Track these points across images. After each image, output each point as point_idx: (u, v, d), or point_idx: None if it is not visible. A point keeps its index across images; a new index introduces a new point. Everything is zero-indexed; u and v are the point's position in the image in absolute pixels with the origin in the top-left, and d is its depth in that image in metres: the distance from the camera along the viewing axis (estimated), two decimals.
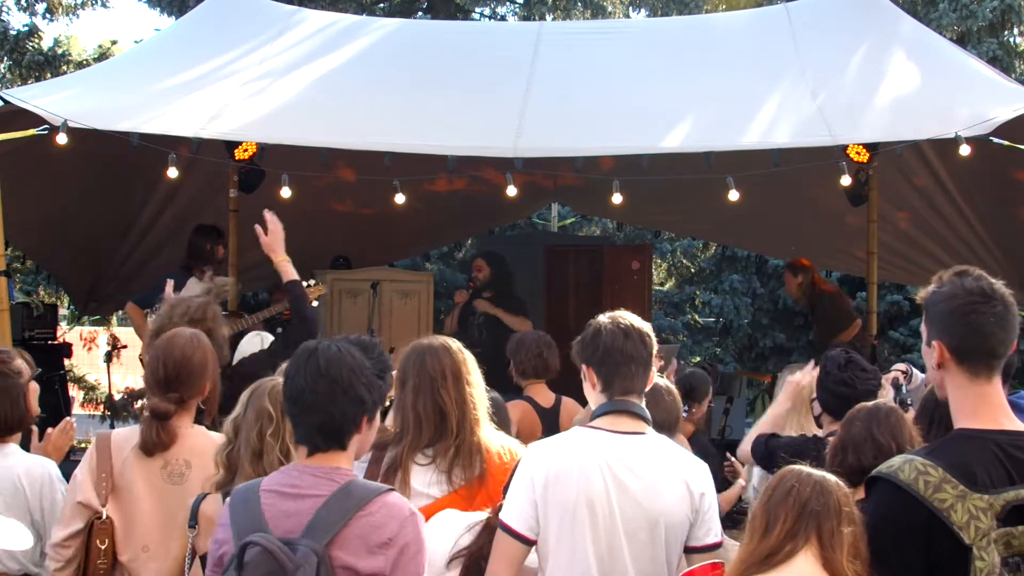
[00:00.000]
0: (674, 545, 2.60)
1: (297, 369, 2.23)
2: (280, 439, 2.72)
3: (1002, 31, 13.50)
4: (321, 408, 2.20)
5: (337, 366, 2.21)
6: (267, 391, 2.79)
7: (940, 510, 1.96)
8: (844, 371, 3.82)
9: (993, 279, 2.12)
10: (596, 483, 2.54)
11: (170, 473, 3.10)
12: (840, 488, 2.20)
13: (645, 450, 2.61)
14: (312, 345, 2.26)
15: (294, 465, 2.27)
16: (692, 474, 2.64)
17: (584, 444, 2.61)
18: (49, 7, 12.97)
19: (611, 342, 2.67)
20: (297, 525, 2.13)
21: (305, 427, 2.23)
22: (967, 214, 7.72)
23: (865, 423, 3.05)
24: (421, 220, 8.76)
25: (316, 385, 2.19)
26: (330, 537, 2.10)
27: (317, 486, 2.18)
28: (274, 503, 2.17)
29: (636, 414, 2.66)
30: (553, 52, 7.05)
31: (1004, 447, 2.03)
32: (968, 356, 2.09)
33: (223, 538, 2.22)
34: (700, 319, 15.31)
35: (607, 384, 2.68)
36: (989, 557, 1.94)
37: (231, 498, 2.26)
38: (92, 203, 7.46)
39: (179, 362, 3.18)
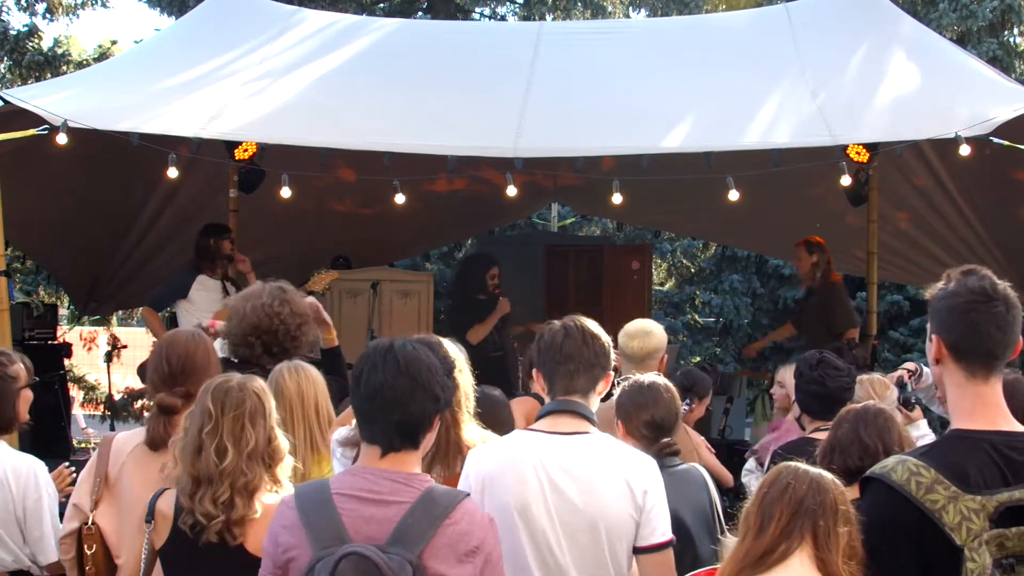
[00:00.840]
0: (619, 545, 2.56)
1: (374, 366, 2.19)
2: (217, 436, 2.71)
3: (1002, 31, 13.50)
4: (400, 405, 2.18)
5: (416, 363, 2.20)
6: (211, 389, 2.79)
7: (932, 511, 1.96)
8: (815, 370, 3.89)
9: (999, 280, 2.12)
10: (531, 485, 2.52)
11: (167, 476, 3.09)
12: (836, 486, 2.18)
13: (583, 450, 2.58)
14: (387, 342, 2.24)
15: (367, 468, 2.22)
16: (634, 472, 2.59)
17: (520, 446, 2.59)
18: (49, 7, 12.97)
19: (550, 342, 2.67)
20: (380, 532, 2.10)
21: (381, 425, 2.20)
22: (967, 214, 7.72)
23: (852, 425, 3.06)
24: (421, 220, 8.76)
25: (396, 382, 2.17)
26: (422, 546, 2.08)
27: (397, 492, 2.15)
28: (352, 508, 2.14)
29: (578, 413, 2.63)
30: (553, 52, 7.05)
31: (999, 448, 2.03)
32: (965, 355, 2.09)
33: (291, 542, 2.16)
34: (700, 319, 15.31)
35: (550, 385, 2.67)
36: (980, 558, 1.94)
37: (299, 501, 2.20)
38: (92, 203, 7.46)
39: (182, 357, 3.20)
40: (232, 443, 2.72)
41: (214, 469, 2.69)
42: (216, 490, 2.68)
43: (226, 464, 2.69)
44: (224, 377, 2.85)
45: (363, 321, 7.57)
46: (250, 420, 2.75)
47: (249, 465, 2.72)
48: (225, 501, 2.67)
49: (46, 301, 11.31)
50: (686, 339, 14.22)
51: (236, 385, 2.80)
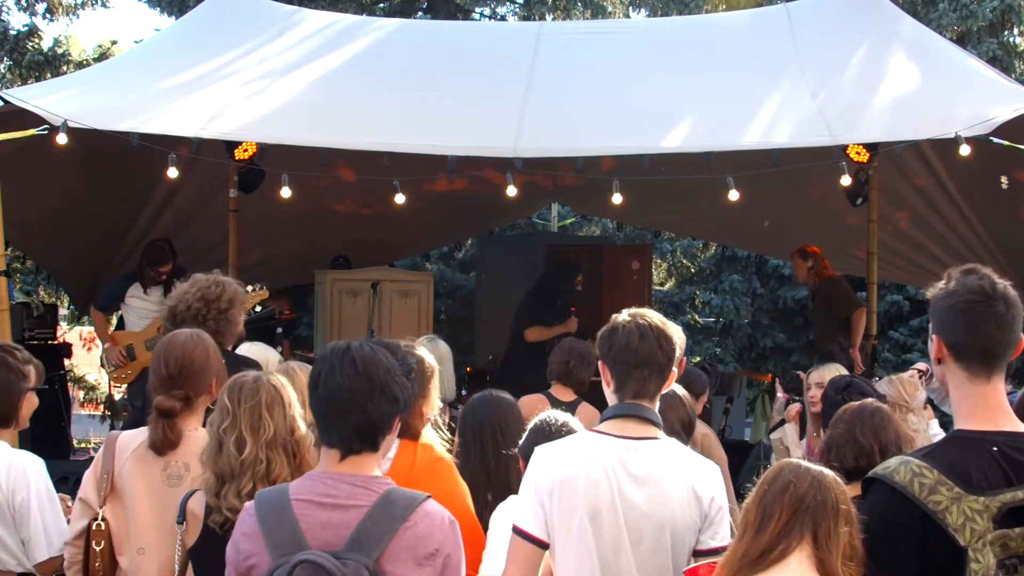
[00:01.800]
0: (681, 550, 2.55)
1: (331, 368, 2.17)
2: (236, 429, 2.73)
3: (1002, 31, 13.50)
4: (358, 407, 2.15)
5: (373, 365, 2.17)
6: (227, 387, 2.81)
7: (935, 512, 1.96)
8: (842, 392, 3.88)
9: (999, 279, 2.11)
10: (602, 490, 2.49)
11: (169, 475, 3.09)
12: (838, 485, 2.15)
13: (652, 456, 2.55)
14: (343, 344, 2.22)
15: (326, 472, 2.20)
16: (700, 479, 2.57)
17: (591, 450, 2.55)
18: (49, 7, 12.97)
19: (625, 342, 2.59)
20: (337, 537, 2.08)
21: (340, 428, 2.17)
22: (967, 214, 7.72)
23: (848, 424, 3.06)
24: (421, 220, 8.76)
25: (353, 383, 2.15)
26: (380, 550, 2.06)
27: (355, 495, 2.13)
28: (310, 513, 2.12)
29: (646, 419, 2.59)
30: (553, 52, 7.05)
31: (1002, 448, 2.03)
32: (964, 354, 2.09)
33: (251, 549, 2.15)
34: (700, 319, 15.31)
35: (619, 385, 2.61)
36: (984, 559, 1.94)
37: (257, 506, 2.18)
38: (92, 203, 7.45)
39: (180, 359, 3.17)
40: (250, 433, 2.73)
41: (235, 463, 2.71)
42: (239, 483, 2.70)
43: (246, 455, 2.71)
44: (241, 374, 2.86)
45: (363, 321, 7.57)
46: (267, 409, 2.76)
47: (270, 454, 2.72)
48: (249, 492, 2.66)
49: (46, 301, 11.31)
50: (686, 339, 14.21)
51: (251, 379, 2.82)
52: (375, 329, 7.33)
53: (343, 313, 7.91)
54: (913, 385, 4.23)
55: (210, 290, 4.03)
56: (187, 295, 4.03)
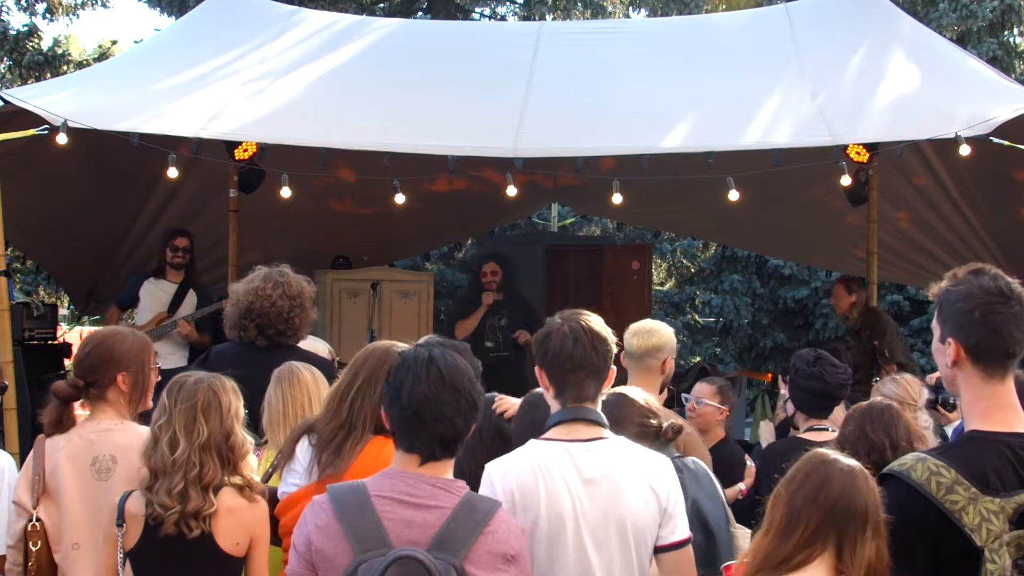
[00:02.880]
0: (644, 548, 2.55)
1: (416, 379, 2.18)
2: (171, 428, 2.76)
3: (1002, 31, 13.51)
4: (446, 418, 2.18)
5: (458, 375, 2.20)
6: (168, 385, 2.84)
7: (952, 512, 1.95)
8: (814, 366, 3.87)
9: (1009, 278, 2.11)
10: (562, 497, 2.48)
11: (98, 470, 3.11)
12: (870, 491, 2.08)
13: (605, 456, 2.54)
14: (424, 353, 2.23)
15: (405, 472, 2.21)
16: (655, 474, 2.57)
17: (544, 457, 2.53)
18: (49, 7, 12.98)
19: (559, 348, 2.57)
20: (421, 536, 2.11)
21: (424, 437, 2.19)
22: (967, 214, 7.71)
23: (859, 421, 3.07)
24: (421, 220, 8.75)
25: (441, 395, 2.17)
26: (465, 552, 2.10)
27: (437, 497, 2.16)
28: (393, 511, 2.14)
29: (592, 420, 2.58)
30: (553, 52, 7.05)
31: (1016, 450, 2.03)
32: (984, 356, 2.08)
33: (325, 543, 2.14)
34: (700, 319, 15.31)
35: (559, 391, 2.60)
36: (1000, 560, 1.93)
37: (335, 501, 2.18)
38: (92, 203, 7.45)
39: (85, 346, 3.23)
40: (184, 434, 2.76)
41: (168, 460, 2.74)
42: (171, 481, 2.73)
43: (177, 454, 2.74)
44: (185, 374, 2.89)
45: (363, 321, 7.57)
46: (203, 412, 2.78)
47: (202, 457, 2.75)
48: (179, 492, 2.71)
49: (46, 301, 11.30)
50: (686, 339, 14.21)
51: (192, 380, 2.85)
52: (375, 329, 7.33)
53: (343, 313, 7.91)
54: (918, 384, 4.23)
55: (287, 282, 4.07)
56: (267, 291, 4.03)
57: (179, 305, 6.92)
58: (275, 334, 4.04)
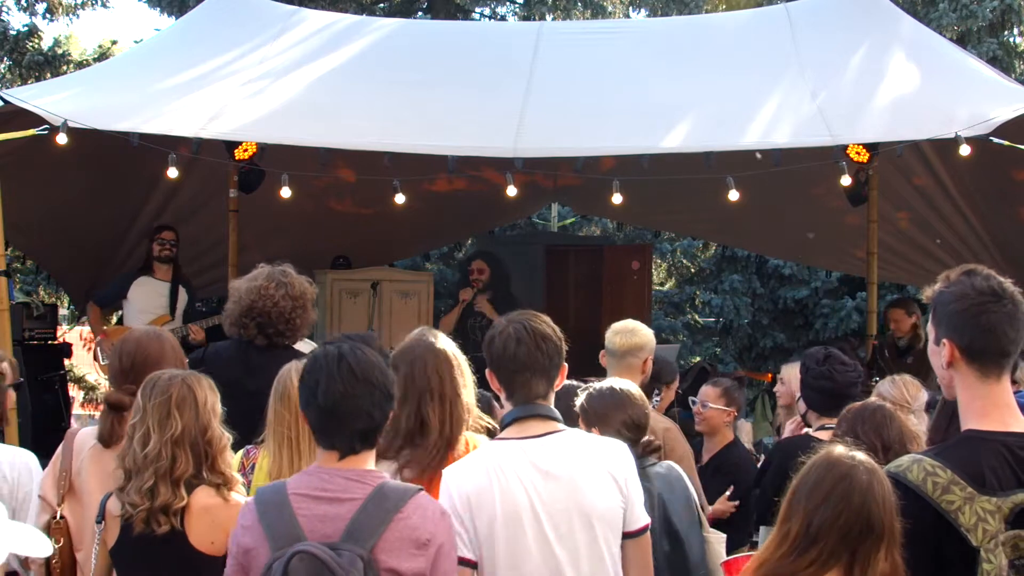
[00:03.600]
0: (612, 535, 2.55)
1: (330, 376, 2.20)
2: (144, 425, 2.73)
3: (1002, 31, 13.49)
4: (363, 413, 2.21)
5: (369, 369, 2.22)
6: (142, 385, 2.82)
7: (948, 512, 1.95)
8: (823, 365, 3.86)
9: (1002, 278, 2.11)
10: (518, 494, 2.49)
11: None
12: (887, 500, 2.02)
13: (561, 448, 2.55)
14: (334, 350, 2.24)
15: (322, 468, 2.25)
16: (614, 462, 2.58)
17: (497, 457, 2.54)
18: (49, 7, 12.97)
19: (503, 349, 2.59)
20: (334, 530, 2.14)
21: (344, 433, 2.22)
22: (967, 214, 7.72)
23: (850, 423, 3.05)
24: (421, 220, 8.75)
25: (356, 391, 2.19)
26: (374, 541, 2.12)
27: (350, 489, 2.19)
28: (308, 507, 2.17)
29: (544, 415, 2.59)
30: (553, 52, 7.05)
31: (1012, 449, 2.02)
32: (979, 356, 2.08)
33: (251, 542, 2.19)
34: (700, 319, 15.30)
35: (509, 392, 2.62)
36: (996, 560, 1.93)
37: (258, 502, 2.23)
38: (92, 203, 7.45)
39: (132, 354, 3.19)
40: (157, 429, 2.73)
41: (139, 458, 2.72)
42: (142, 479, 2.70)
43: (148, 449, 2.71)
44: (158, 372, 2.86)
45: (363, 321, 7.57)
46: (176, 407, 2.75)
47: (175, 451, 2.72)
48: (149, 488, 2.68)
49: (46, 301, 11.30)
50: (686, 339, 14.21)
51: (167, 376, 2.82)
52: (375, 329, 7.33)
53: (343, 313, 7.91)
54: (916, 386, 4.22)
55: (289, 283, 4.04)
56: (269, 290, 3.99)
57: (175, 304, 6.94)
58: (275, 334, 4.02)
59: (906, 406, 3.95)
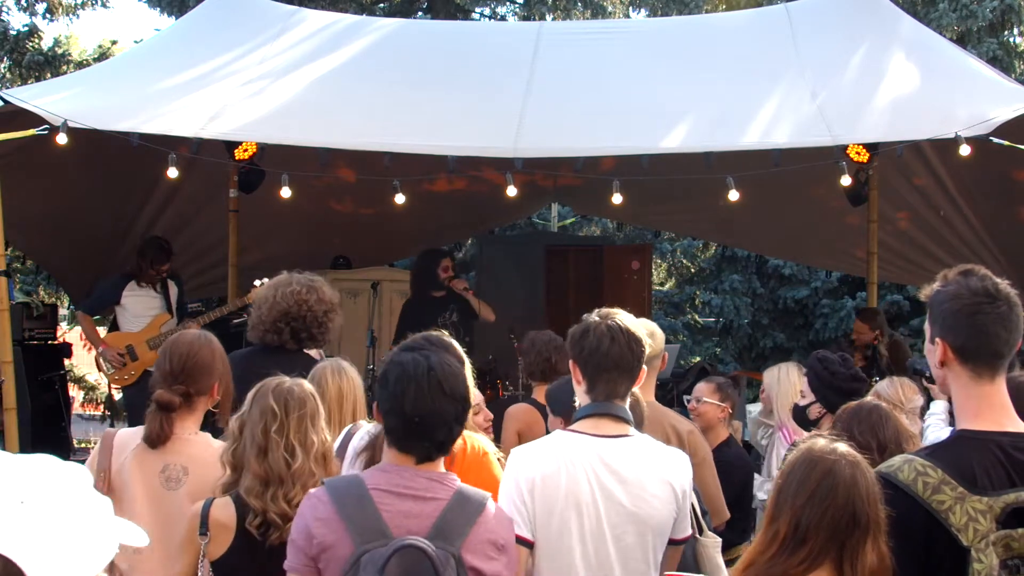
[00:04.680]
0: (660, 543, 2.62)
1: (419, 388, 2.22)
2: (284, 435, 2.72)
3: (1002, 31, 13.50)
4: (445, 426, 2.25)
5: (456, 383, 2.27)
6: (271, 389, 2.79)
7: (938, 512, 1.96)
8: (849, 368, 3.86)
9: (998, 279, 2.11)
10: (583, 488, 2.54)
11: (167, 478, 3.08)
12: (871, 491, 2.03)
13: (630, 453, 2.60)
14: (424, 362, 2.25)
15: (399, 466, 2.26)
16: (675, 473, 2.63)
17: (569, 448, 2.59)
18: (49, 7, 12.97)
19: (596, 345, 2.63)
20: (419, 526, 2.16)
21: (426, 443, 2.25)
22: (967, 214, 7.72)
23: (846, 423, 3.04)
24: (421, 220, 8.76)
25: (444, 406, 2.23)
26: (462, 540, 2.17)
27: (432, 489, 2.23)
28: (391, 503, 2.19)
29: (619, 417, 2.64)
30: (553, 52, 7.05)
31: (1005, 449, 2.02)
32: (972, 356, 2.08)
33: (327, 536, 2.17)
34: (700, 319, 15.31)
35: (591, 386, 2.66)
36: (987, 559, 1.93)
37: (333, 495, 2.22)
38: (92, 203, 7.45)
39: (184, 356, 3.18)
40: (300, 444, 2.73)
41: (284, 469, 2.69)
42: (288, 490, 2.68)
43: (296, 466, 2.70)
44: (278, 379, 2.83)
45: (363, 321, 7.57)
46: (311, 421, 2.78)
47: (315, 467, 2.74)
48: (298, 503, 2.59)
49: (46, 301, 11.31)
50: (686, 339, 14.21)
51: (296, 386, 2.81)
52: (375, 329, 7.33)
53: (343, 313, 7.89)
54: (912, 388, 4.22)
55: (324, 292, 4.15)
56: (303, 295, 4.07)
57: (170, 302, 6.94)
58: (307, 338, 4.14)
59: (899, 406, 3.94)
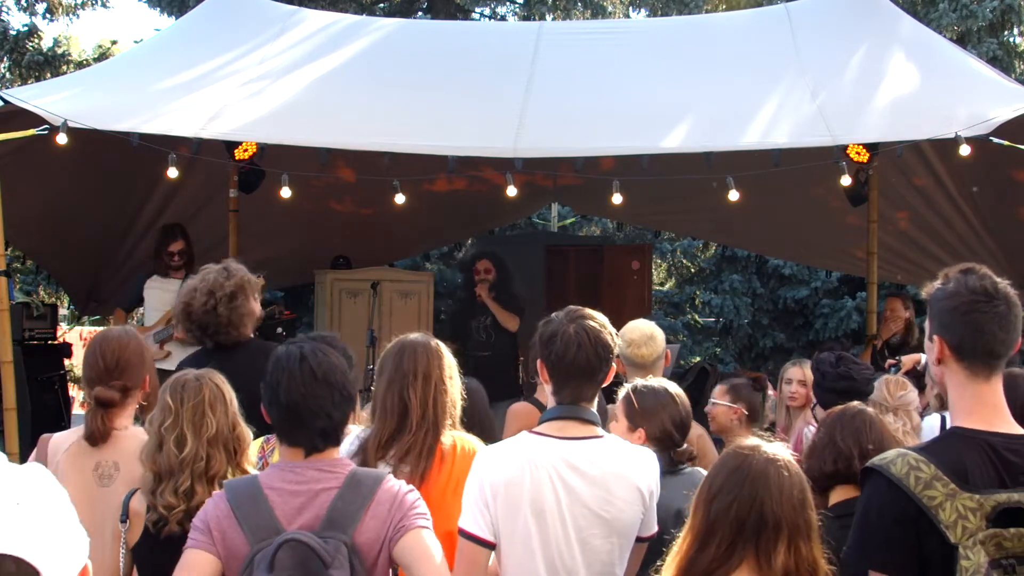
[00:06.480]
0: (627, 544, 2.62)
1: (291, 377, 2.27)
2: (178, 427, 2.76)
3: (1002, 31, 13.49)
4: (323, 413, 2.27)
5: (330, 371, 2.29)
6: (168, 384, 2.85)
7: (928, 507, 1.96)
8: (838, 367, 3.84)
9: (998, 278, 2.12)
10: (546, 491, 2.52)
11: (101, 475, 3.11)
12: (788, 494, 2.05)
13: (595, 454, 2.59)
14: (296, 351, 2.30)
15: (291, 463, 2.30)
16: (642, 474, 2.62)
17: (534, 451, 2.57)
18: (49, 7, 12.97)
19: (563, 351, 2.61)
20: (313, 519, 2.19)
21: (305, 432, 2.28)
22: (967, 214, 7.72)
23: (829, 428, 3.00)
24: (421, 220, 8.76)
25: (315, 391, 2.26)
26: (355, 527, 2.19)
27: (323, 479, 2.25)
28: (283, 500, 2.22)
29: (585, 419, 2.63)
30: (553, 52, 7.05)
31: (997, 449, 2.03)
32: (967, 355, 2.09)
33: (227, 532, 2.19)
34: (700, 319, 15.30)
35: (557, 389, 2.65)
36: (975, 557, 1.93)
37: (231, 495, 2.25)
38: (92, 203, 7.45)
39: (115, 352, 3.21)
40: (192, 431, 2.77)
41: (175, 460, 2.75)
42: (177, 480, 2.73)
43: (186, 453, 2.75)
44: (182, 373, 2.90)
45: (363, 321, 7.57)
46: (210, 407, 2.80)
47: (210, 451, 2.77)
48: (186, 490, 2.72)
49: (46, 301, 11.31)
50: (686, 339, 14.21)
51: (193, 377, 2.86)
52: (375, 329, 7.33)
53: (343, 313, 7.91)
54: (899, 386, 4.21)
55: (215, 282, 3.95)
56: (197, 292, 3.98)
57: None
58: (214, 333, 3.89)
59: (884, 404, 3.92)
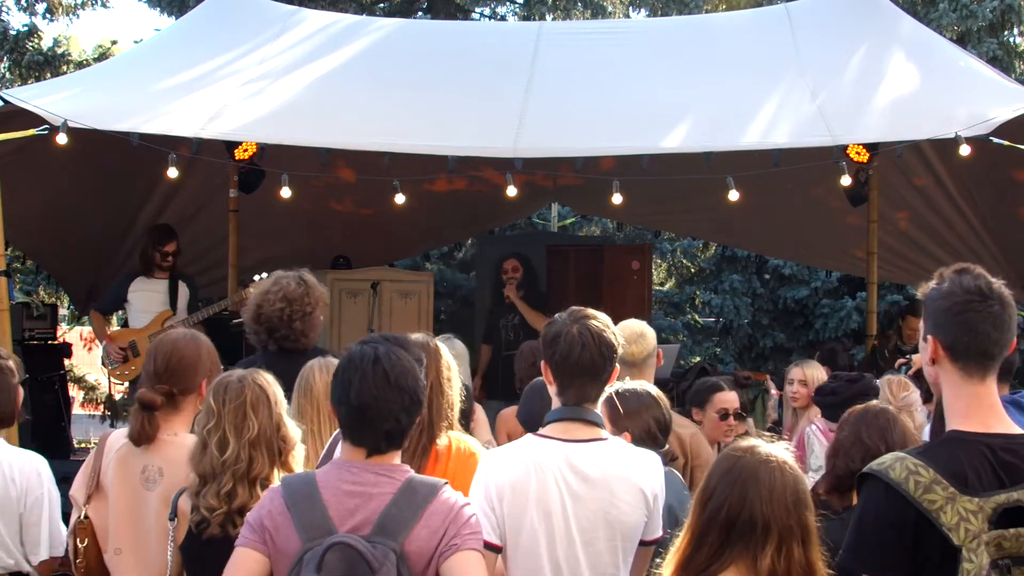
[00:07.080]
0: (630, 547, 2.61)
1: (363, 378, 2.24)
2: (220, 429, 2.75)
3: (1002, 31, 13.48)
4: (391, 416, 2.25)
5: (403, 375, 2.26)
6: (212, 387, 2.84)
7: (929, 511, 1.96)
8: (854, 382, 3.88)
9: (992, 278, 2.11)
10: (551, 493, 2.53)
11: (146, 478, 3.11)
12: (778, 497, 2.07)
13: (599, 458, 2.59)
14: (371, 352, 2.27)
15: (351, 462, 2.28)
16: (646, 477, 2.62)
17: (539, 453, 2.58)
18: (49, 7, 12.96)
19: (567, 352, 2.62)
20: (364, 522, 2.18)
21: (371, 434, 2.26)
22: (967, 214, 7.72)
23: (854, 427, 3.04)
24: (421, 220, 8.76)
25: (388, 395, 2.24)
26: (406, 535, 2.17)
27: (379, 484, 2.24)
28: (338, 500, 2.21)
29: (589, 421, 2.63)
30: (553, 52, 7.05)
31: (995, 450, 2.03)
32: (961, 355, 2.08)
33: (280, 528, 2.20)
34: (700, 319, 15.29)
35: (561, 389, 2.66)
36: (978, 559, 1.93)
37: (287, 492, 2.25)
38: (92, 203, 7.46)
39: (168, 355, 3.20)
40: (233, 433, 2.75)
41: (217, 462, 2.74)
42: (220, 483, 2.72)
43: (227, 455, 2.73)
44: (226, 374, 2.88)
45: (363, 321, 7.56)
46: (252, 408, 2.77)
47: (252, 452, 2.75)
48: (228, 492, 2.71)
49: (46, 301, 11.31)
50: (686, 339, 14.20)
51: (236, 378, 2.84)
52: (375, 329, 7.33)
53: (343, 313, 7.91)
54: (901, 386, 4.23)
55: (294, 292, 4.01)
56: (270, 294, 4.01)
57: (176, 299, 6.91)
58: (281, 339, 4.00)
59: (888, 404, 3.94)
